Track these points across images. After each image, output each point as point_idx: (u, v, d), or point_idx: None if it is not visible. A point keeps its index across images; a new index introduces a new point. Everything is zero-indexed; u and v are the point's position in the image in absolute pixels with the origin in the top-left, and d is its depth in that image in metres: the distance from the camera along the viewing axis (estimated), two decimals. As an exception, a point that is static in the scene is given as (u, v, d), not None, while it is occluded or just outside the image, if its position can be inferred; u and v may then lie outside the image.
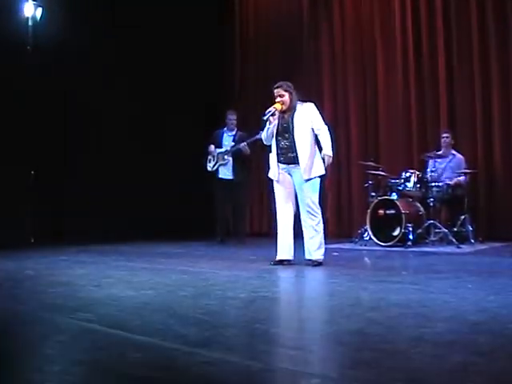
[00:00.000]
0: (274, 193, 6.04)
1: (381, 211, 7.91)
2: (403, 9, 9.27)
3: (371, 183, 8.37)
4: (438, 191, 7.87)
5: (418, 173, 8.04)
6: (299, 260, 5.96)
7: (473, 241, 7.62)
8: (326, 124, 5.95)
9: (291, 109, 5.87)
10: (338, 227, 9.77)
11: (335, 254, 7.20)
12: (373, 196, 8.22)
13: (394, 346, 2.75)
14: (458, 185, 8.01)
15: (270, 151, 6.02)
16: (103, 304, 3.90)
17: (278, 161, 5.93)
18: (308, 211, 5.81)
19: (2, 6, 8.85)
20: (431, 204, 7.76)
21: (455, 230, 7.70)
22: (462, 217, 7.73)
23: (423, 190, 7.99)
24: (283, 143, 5.89)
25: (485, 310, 3.49)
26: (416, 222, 7.73)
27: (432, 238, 7.73)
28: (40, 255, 7.29)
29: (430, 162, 8.22)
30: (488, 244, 7.85)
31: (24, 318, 3.62)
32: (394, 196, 7.93)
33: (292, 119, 5.84)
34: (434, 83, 8.95)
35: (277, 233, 6.03)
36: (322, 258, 5.87)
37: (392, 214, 7.77)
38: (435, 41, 8.93)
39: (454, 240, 7.45)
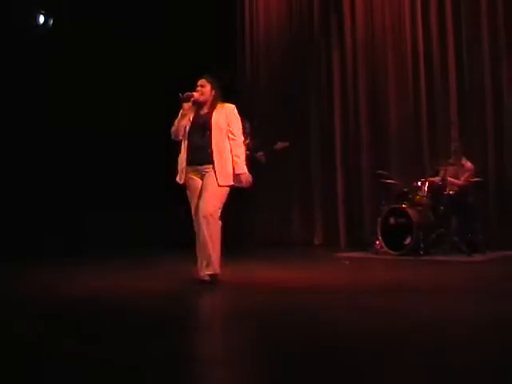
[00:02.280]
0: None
1: (392, 220, 7.93)
2: (414, 20, 9.28)
3: (382, 192, 8.39)
4: (448, 200, 7.88)
5: (428, 181, 8.06)
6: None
7: (484, 250, 7.61)
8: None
9: (210, 105, 5.40)
10: (348, 236, 9.78)
11: (346, 262, 7.24)
12: (384, 204, 8.24)
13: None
14: (465, 190, 7.98)
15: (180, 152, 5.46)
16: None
17: (188, 162, 5.36)
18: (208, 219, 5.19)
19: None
20: (442, 212, 7.77)
21: (466, 238, 7.70)
22: (473, 225, 7.73)
23: (434, 199, 8.00)
24: (197, 141, 5.32)
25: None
26: (427, 230, 7.74)
27: (443, 247, 7.73)
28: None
29: (441, 170, 8.22)
30: (499, 253, 7.84)
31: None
32: (405, 204, 7.94)
33: (210, 117, 5.33)
34: (445, 92, 8.96)
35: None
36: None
37: (403, 222, 7.79)
38: (446, 51, 8.94)
39: (465, 249, 7.45)
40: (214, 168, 5.23)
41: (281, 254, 8.91)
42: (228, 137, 5.33)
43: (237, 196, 8.51)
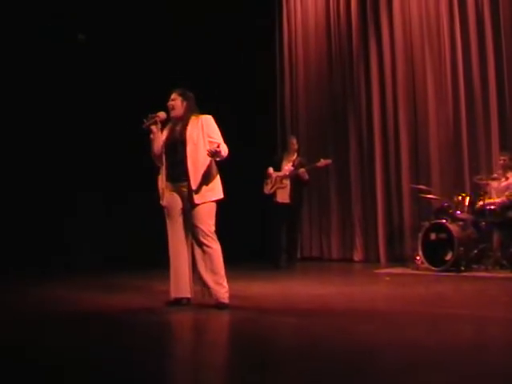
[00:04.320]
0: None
1: (433, 235, 7.87)
2: (453, 37, 9.25)
3: (423, 207, 8.35)
4: (490, 214, 7.80)
5: (469, 196, 7.99)
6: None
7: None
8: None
9: (183, 118, 5.12)
10: (389, 251, 9.73)
11: (387, 278, 7.23)
12: (424, 220, 8.20)
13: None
14: (507, 204, 7.89)
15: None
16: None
17: (167, 178, 5.10)
18: (200, 242, 4.95)
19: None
20: (483, 227, 7.69)
21: (508, 253, 7.60)
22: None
23: (475, 214, 7.93)
24: (172, 158, 5.06)
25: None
26: (468, 245, 7.67)
27: (485, 263, 7.64)
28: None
29: (482, 185, 8.15)
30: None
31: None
32: (446, 220, 7.88)
33: (184, 132, 5.05)
34: (485, 106, 8.89)
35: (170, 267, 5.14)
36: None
37: (444, 238, 7.73)
38: (486, 66, 8.89)
39: (507, 264, 7.36)
40: (188, 186, 4.97)
41: (320, 271, 8.92)
42: (208, 152, 4.91)
43: (284, 213, 8.64)
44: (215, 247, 4.95)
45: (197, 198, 4.94)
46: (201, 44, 10.42)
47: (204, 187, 4.97)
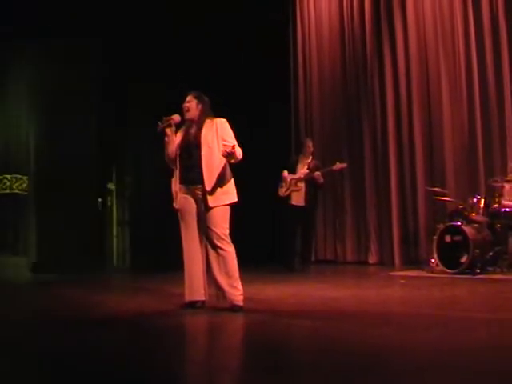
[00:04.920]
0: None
1: (447, 237, 7.85)
2: (467, 39, 9.21)
3: (437, 209, 8.32)
4: (505, 217, 7.75)
5: (484, 198, 7.96)
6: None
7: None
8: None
9: (198, 121, 5.12)
10: (404, 254, 9.70)
11: (402, 281, 7.21)
12: (439, 222, 8.17)
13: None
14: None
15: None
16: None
17: (181, 181, 5.11)
18: (214, 245, 4.97)
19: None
20: (499, 230, 7.65)
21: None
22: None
23: (490, 216, 7.89)
24: (186, 161, 5.07)
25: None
26: (484, 248, 7.64)
27: (500, 265, 7.61)
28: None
29: (497, 187, 8.11)
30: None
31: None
32: (461, 222, 7.85)
33: (199, 134, 5.06)
34: (500, 108, 8.86)
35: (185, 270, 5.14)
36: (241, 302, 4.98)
37: (459, 240, 7.69)
38: (500, 68, 8.84)
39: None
40: (203, 189, 4.98)
41: (335, 273, 8.92)
42: (223, 152, 4.94)
43: (299, 216, 8.65)
44: (230, 250, 4.96)
45: (211, 201, 4.95)
46: (215, 48, 10.46)
47: (219, 190, 4.97)
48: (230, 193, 5.06)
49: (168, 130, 5.09)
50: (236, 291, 4.93)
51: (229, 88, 10.19)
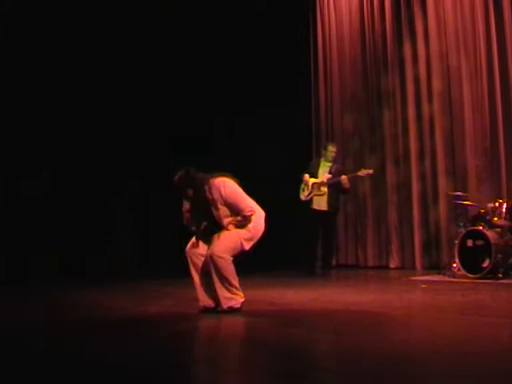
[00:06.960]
0: None
1: (469, 242, 7.80)
2: (488, 42, 9.15)
3: (459, 213, 8.28)
4: (528, 221, 7.70)
5: (506, 202, 7.90)
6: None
7: None
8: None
9: (201, 193, 5.19)
10: (425, 258, 9.66)
11: (423, 285, 7.19)
12: (461, 227, 8.12)
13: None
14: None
15: None
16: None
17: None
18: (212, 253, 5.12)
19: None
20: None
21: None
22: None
23: (512, 220, 7.84)
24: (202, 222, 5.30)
25: None
26: (506, 252, 7.58)
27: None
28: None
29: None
30: None
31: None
32: (483, 226, 7.80)
33: (204, 197, 5.19)
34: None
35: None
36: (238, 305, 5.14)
37: (481, 244, 7.65)
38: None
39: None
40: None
41: (356, 278, 8.90)
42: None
43: (321, 220, 8.64)
44: (227, 257, 5.07)
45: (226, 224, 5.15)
46: (236, 51, 10.53)
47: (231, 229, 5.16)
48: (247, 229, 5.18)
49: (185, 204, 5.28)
50: (232, 295, 5.06)
51: (250, 91, 10.26)
